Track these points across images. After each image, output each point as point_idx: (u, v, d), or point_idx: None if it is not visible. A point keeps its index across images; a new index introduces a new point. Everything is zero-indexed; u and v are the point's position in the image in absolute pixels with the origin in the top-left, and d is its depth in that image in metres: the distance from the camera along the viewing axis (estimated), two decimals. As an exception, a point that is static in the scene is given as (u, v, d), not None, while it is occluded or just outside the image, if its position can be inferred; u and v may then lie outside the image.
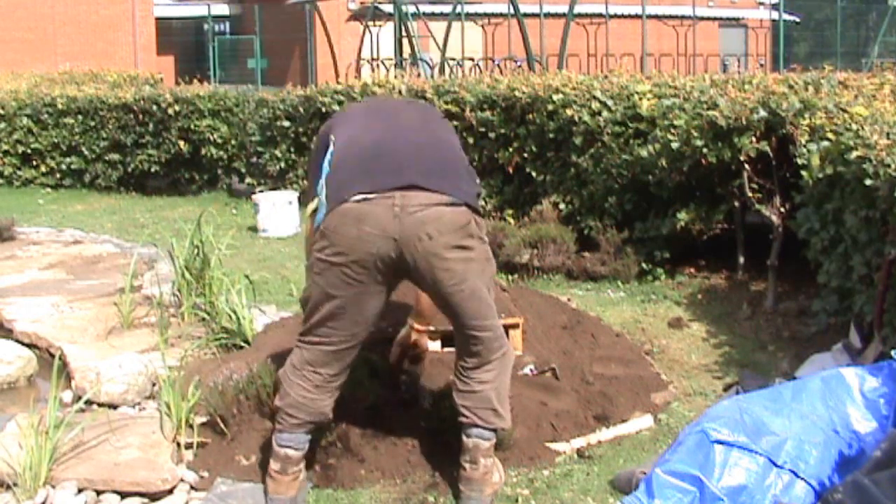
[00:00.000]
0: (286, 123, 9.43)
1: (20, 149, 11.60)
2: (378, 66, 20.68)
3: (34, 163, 11.62)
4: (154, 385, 4.24)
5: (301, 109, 9.23)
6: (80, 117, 11.26)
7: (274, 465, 3.33)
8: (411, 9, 21.52)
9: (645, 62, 19.54)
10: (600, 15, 22.95)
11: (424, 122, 3.40)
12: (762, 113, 5.53)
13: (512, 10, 20.12)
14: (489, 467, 3.33)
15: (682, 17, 26.36)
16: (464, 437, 3.30)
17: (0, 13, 25.70)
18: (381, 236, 3.03)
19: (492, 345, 3.25)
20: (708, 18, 29.96)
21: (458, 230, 3.07)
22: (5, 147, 11.63)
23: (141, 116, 10.82)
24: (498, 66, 19.26)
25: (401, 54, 20.40)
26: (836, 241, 4.77)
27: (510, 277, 6.22)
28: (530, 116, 7.15)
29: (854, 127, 4.67)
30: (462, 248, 3.08)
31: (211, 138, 10.45)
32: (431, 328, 4.04)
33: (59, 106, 11.38)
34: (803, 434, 3.08)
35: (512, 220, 7.18)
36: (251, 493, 3.40)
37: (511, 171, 7.44)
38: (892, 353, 3.30)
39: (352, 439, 3.61)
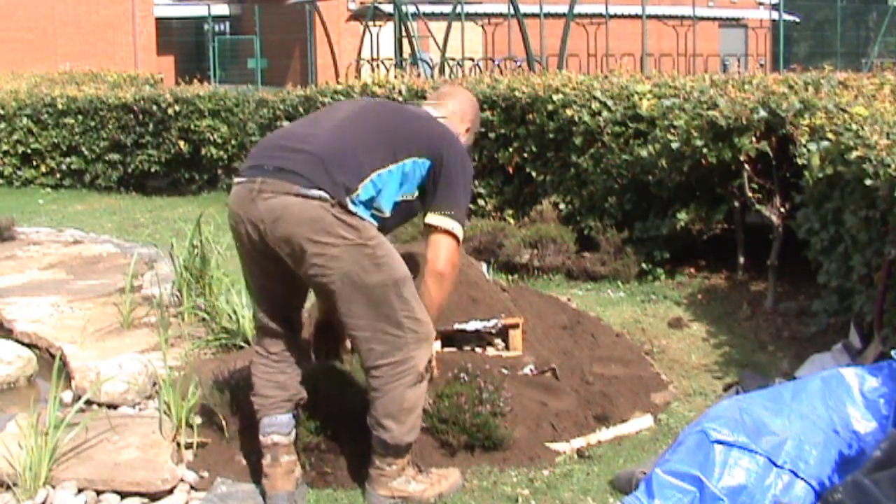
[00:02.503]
0: (286, 123, 9.41)
1: (20, 149, 11.61)
2: (378, 66, 20.68)
3: (34, 163, 11.62)
4: (154, 385, 4.23)
5: (301, 109, 9.24)
6: (80, 117, 11.27)
7: (264, 460, 3.33)
8: (411, 9, 21.53)
9: (645, 62, 19.54)
10: (600, 15, 22.95)
11: (368, 116, 3.31)
12: (762, 113, 5.53)
13: (512, 10, 20.13)
14: (387, 471, 3.31)
15: (682, 17, 26.35)
16: None
17: (0, 13, 25.70)
18: (244, 218, 3.13)
19: (369, 351, 3.16)
20: (708, 18, 29.97)
21: (307, 223, 3.03)
22: (5, 147, 11.64)
23: (141, 116, 10.83)
24: (498, 66, 19.26)
25: (401, 54, 20.42)
26: (836, 241, 4.77)
27: (510, 277, 6.22)
28: (530, 116, 7.15)
29: (854, 127, 4.67)
30: (316, 242, 3.04)
31: (211, 138, 10.45)
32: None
33: (59, 106, 11.38)
34: (803, 434, 3.08)
35: (512, 220, 7.18)
36: (251, 493, 3.40)
37: (511, 171, 7.44)
38: (892, 353, 3.30)
39: (350, 439, 3.61)
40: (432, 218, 3.25)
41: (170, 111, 10.55)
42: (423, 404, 3.31)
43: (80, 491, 3.38)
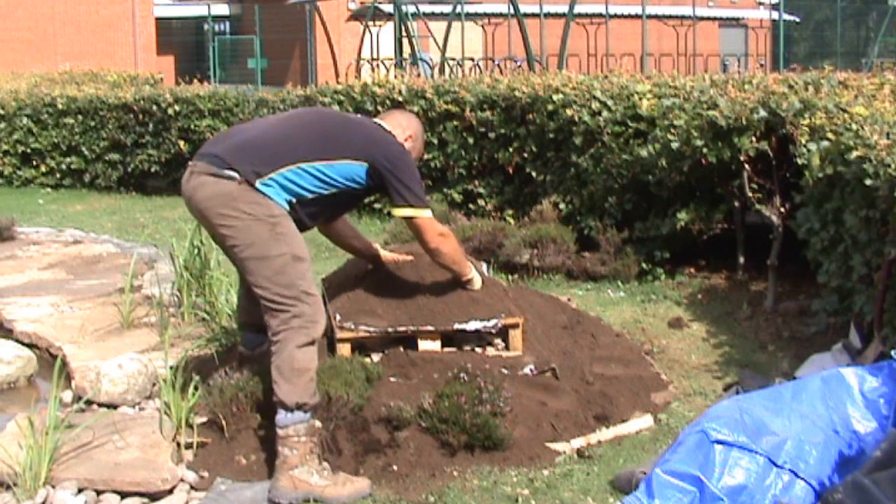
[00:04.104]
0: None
1: (20, 149, 11.59)
2: (378, 66, 20.70)
3: (34, 163, 11.62)
4: (154, 385, 4.24)
5: (301, 109, 9.22)
6: (80, 117, 11.26)
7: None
8: (411, 9, 21.54)
9: (645, 62, 19.56)
10: (600, 15, 22.97)
11: (310, 120, 3.80)
12: (762, 113, 5.52)
13: (512, 10, 20.14)
14: (288, 457, 3.36)
15: (682, 17, 26.38)
16: None
17: (0, 13, 25.70)
18: (183, 193, 3.61)
19: (273, 318, 3.45)
20: (708, 18, 29.98)
21: (216, 198, 3.46)
22: (5, 147, 11.63)
23: (141, 116, 10.82)
24: (498, 66, 19.27)
25: (401, 54, 20.43)
26: (836, 241, 4.77)
27: (510, 277, 6.22)
28: (530, 116, 7.15)
29: (854, 127, 4.66)
30: (224, 215, 3.46)
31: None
32: (430, 328, 4.04)
33: (59, 106, 11.37)
34: (803, 434, 3.08)
35: (512, 220, 7.18)
36: (251, 492, 3.40)
37: (511, 171, 7.44)
38: (892, 353, 3.30)
39: (349, 440, 3.62)
40: (397, 211, 3.74)
41: (170, 111, 10.54)
42: (313, 369, 3.46)
43: (80, 491, 3.38)
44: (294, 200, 3.56)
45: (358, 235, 4.20)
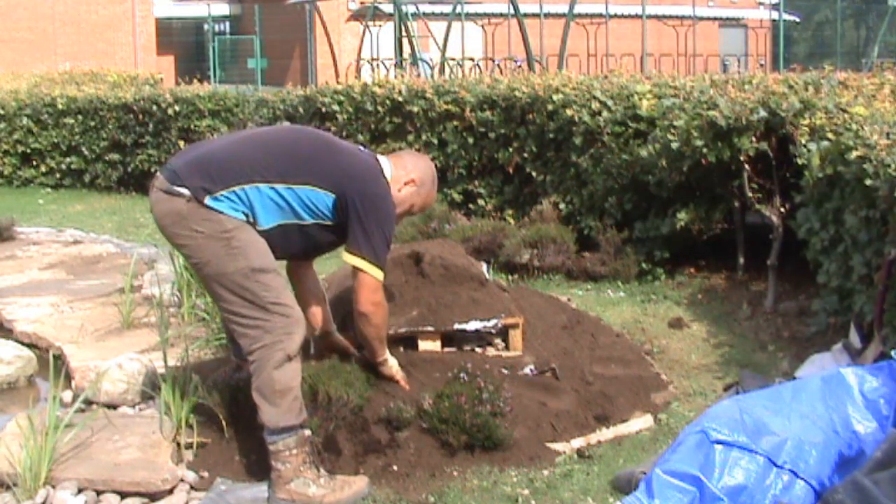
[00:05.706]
0: (286, 123, 9.41)
1: (20, 149, 11.61)
2: (378, 66, 20.70)
3: (34, 163, 11.63)
4: (154, 385, 4.23)
5: (301, 109, 9.23)
6: (80, 117, 11.27)
7: None
8: (411, 9, 21.54)
9: (645, 62, 19.57)
10: (600, 15, 22.98)
11: (277, 139, 3.57)
12: (762, 113, 5.52)
13: (512, 10, 20.15)
14: (282, 471, 3.33)
15: (682, 17, 26.38)
16: None
17: (0, 13, 25.71)
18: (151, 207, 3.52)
19: (244, 337, 3.35)
20: (708, 18, 29.99)
21: (167, 217, 3.38)
22: (5, 147, 11.64)
23: (141, 116, 10.82)
24: (498, 66, 19.28)
25: (401, 54, 20.43)
26: (836, 241, 4.77)
27: (510, 277, 6.22)
28: (530, 116, 7.15)
29: (854, 127, 4.67)
30: (177, 234, 3.38)
31: (211, 138, 10.44)
32: (430, 328, 4.04)
33: (59, 106, 11.38)
34: (803, 434, 3.08)
35: (512, 220, 7.18)
36: (251, 492, 3.40)
37: (511, 171, 7.44)
38: (892, 353, 3.30)
39: (349, 440, 3.62)
40: (347, 257, 3.45)
41: (170, 111, 10.54)
42: (296, 386, 3.36)
43: (80, 491, 3.38)
44: (251, 218, 3.35)
45: (319, 297, 3.81)
